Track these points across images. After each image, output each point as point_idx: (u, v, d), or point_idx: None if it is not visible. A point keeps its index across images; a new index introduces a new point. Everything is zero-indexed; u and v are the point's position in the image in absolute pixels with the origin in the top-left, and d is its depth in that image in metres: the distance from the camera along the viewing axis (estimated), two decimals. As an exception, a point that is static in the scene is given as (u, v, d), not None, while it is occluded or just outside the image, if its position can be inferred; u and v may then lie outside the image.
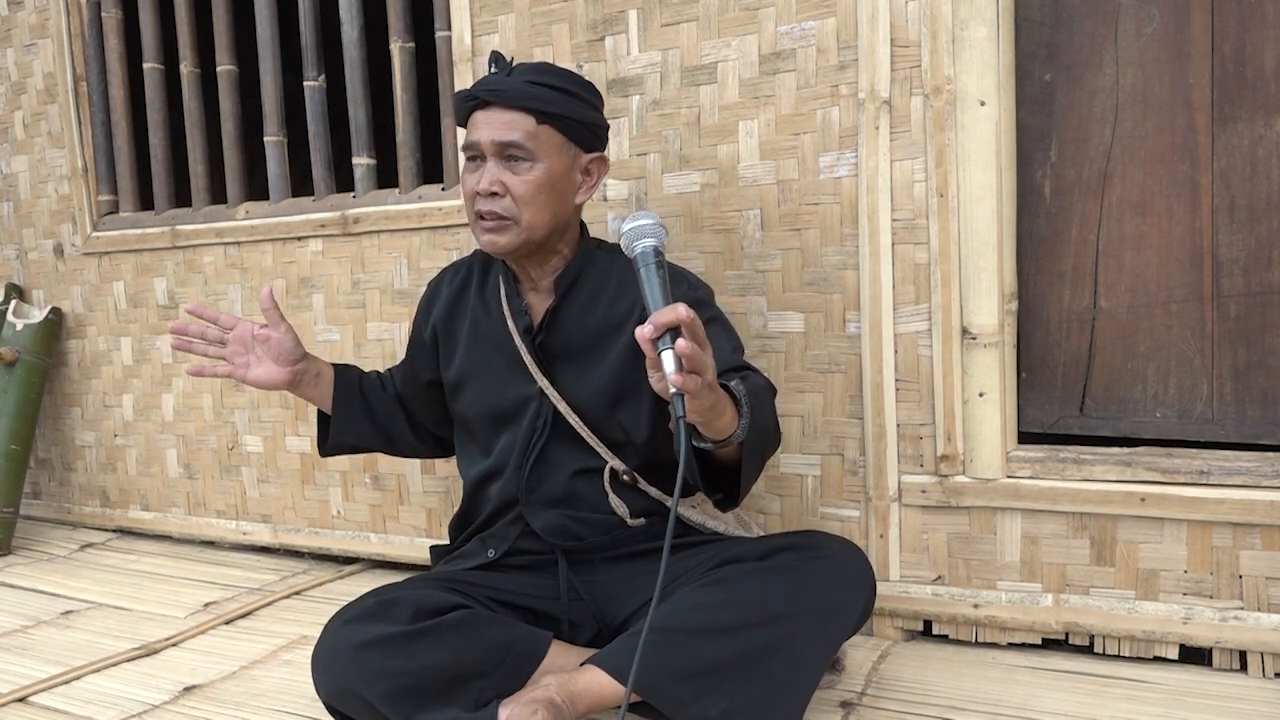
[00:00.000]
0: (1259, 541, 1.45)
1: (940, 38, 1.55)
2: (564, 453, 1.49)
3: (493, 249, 1.44)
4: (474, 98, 1.41)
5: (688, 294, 1.46)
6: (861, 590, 1.35)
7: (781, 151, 1.70)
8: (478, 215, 1.43)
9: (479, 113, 1.41)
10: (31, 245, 2.73)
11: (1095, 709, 1.36)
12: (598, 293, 1.50)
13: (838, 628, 1.31)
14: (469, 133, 1.42)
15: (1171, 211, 1.53)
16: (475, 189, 1.41)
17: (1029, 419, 1.64)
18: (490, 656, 1.30)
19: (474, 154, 1.42)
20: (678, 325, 1.06)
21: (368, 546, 2.23)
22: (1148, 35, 1.52)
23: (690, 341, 1.05)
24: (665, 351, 1.06)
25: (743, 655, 1.23)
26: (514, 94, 1.39)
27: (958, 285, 1.58)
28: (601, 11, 1.84)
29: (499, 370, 1.53)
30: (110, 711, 1.51)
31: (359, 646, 1.27)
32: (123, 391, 2.60)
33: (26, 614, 2.02)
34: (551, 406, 1.48)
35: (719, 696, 1.22)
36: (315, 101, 2.24)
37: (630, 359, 1.44)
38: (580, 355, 1.49)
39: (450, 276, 1.64)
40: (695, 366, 1.06)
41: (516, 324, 1.51)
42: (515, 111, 1.39)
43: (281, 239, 2.28)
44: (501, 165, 1.40)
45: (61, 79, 2.56)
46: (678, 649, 1.23)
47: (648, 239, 1.18)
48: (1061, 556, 1.57)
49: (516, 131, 1.39)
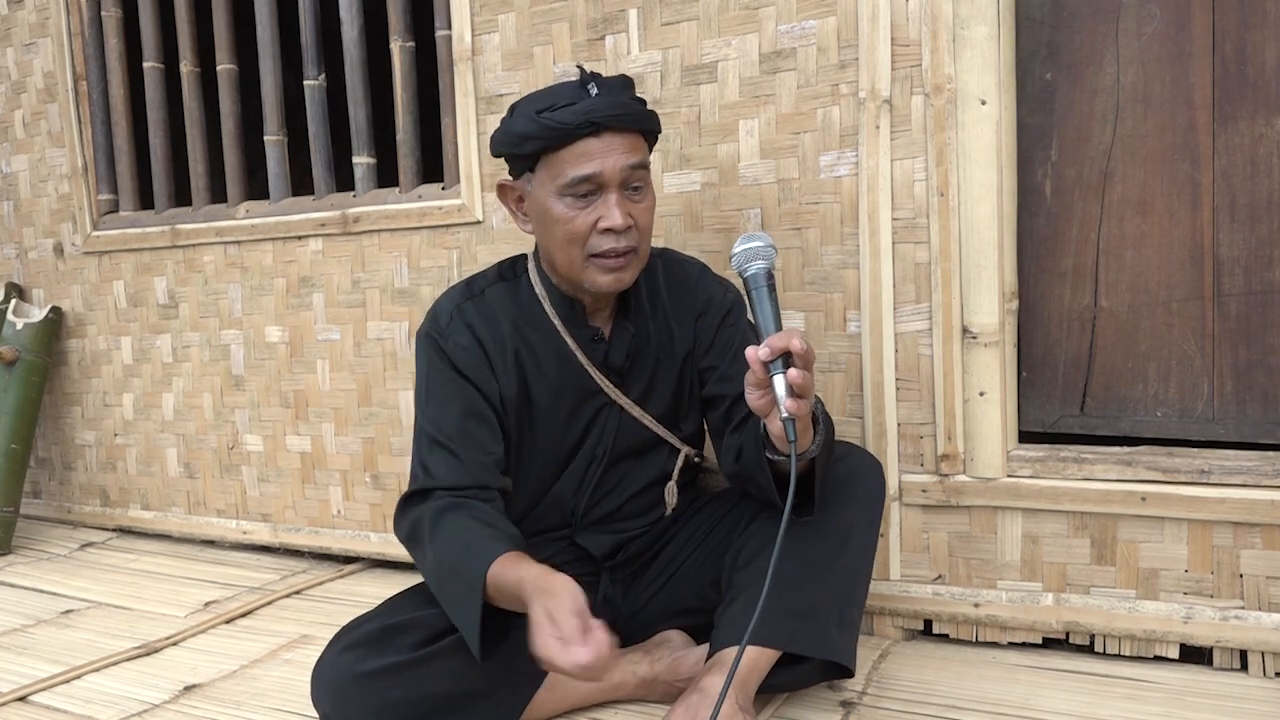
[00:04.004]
0: (1260, 541, 1.45)
1: (941, 37, 1.55)
2: (623, 472, 1.50)
3: (616, 288, 1.35)
4: (593, 124, 1.26)
5: (721, 299, 1.51)
6: (878, 473, 1.42)
7: (782, 151, 1.70)
8: (599, 254, 1.31)
9: (590, 141, 1.27)
10: (31, 244, 2.73)
11: (1096, 708, 1.36)
12: (654, 305, 1.49)
13: (875, 512, 1.40)
14: (579, 163, 1.27)
15: (1172, 210, 1.52)
16: (608, 225, 1.28)
17: (1029, 418, 1.64)
18: (493, 677, 1.28)
19: (591, 188, 1.28)
20: (789, 352, 1.11)
21: (368, 546, 2.23)
22: (1148, 34, 1.52)
23: (803, 371, 1.11)
24: (777, 376, 1.12)
25: (827, 571, 1.32)
26: (632, 116, 1.30)
27: (958, 284, 1.58)
28: (602, 10, 1.84)
29: (563, 404, 1.44)
30: (110, 711, 1.51)
31: (360, 677, 1.24)
32: (123, 391, 2.60)
33: (27, 613, 2.02)
34: (615, 424, 1.47)
35: (830, 610, 1.32)
36: (315, 101, 2.24)
37: (688, 373, 1.50)
38: (652, 371, 1.49)
39: (477, 325, 1.42)
40: (805, 393, 1.12)
41: (587, 351, 1.43)
42: (633, 135, 1.31)
43: (281, 238, 2.28)
44: (623, 195, 1.30)
45: (61, 78, 2.56)
46: (787, 594, 1.29)
47: (760, 261, 1.21)
48: (1062, 556, 1.57)
49: (638, 155, 1.31)
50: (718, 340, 1.48)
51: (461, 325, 1.40)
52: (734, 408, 1.42)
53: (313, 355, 2.27)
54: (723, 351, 1.48)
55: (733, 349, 1.46)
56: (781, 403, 1.11)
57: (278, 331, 2.31)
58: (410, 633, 1.28)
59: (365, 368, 2.19)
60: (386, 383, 2.17)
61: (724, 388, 1.45)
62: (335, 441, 2.26)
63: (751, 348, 1.14)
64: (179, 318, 2.47)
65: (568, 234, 1.30)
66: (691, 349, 1.50)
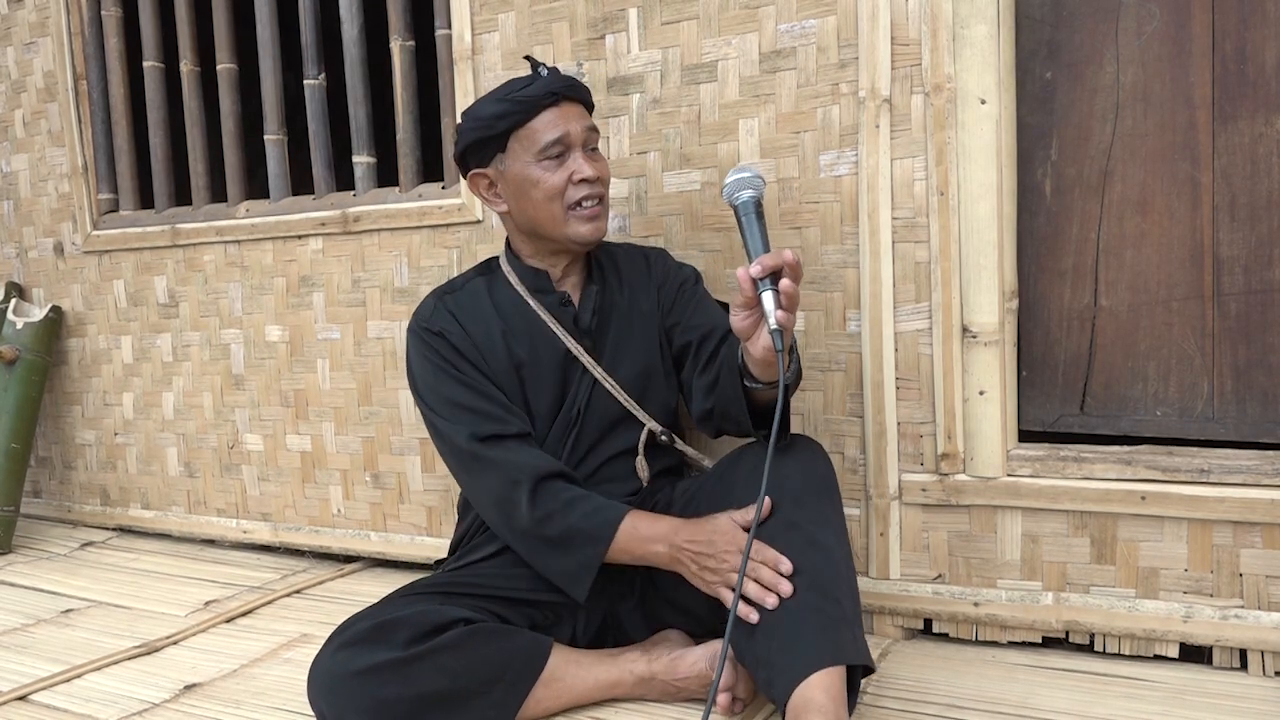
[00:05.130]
0: (1259, 540, 1.45)
1: (941, 36, 1.55)
2: (595, 438, 1.54)
3: (596, 235, 1.49)
4: (552, 94, 1.45)
5: (677, 271, 1.63)
6: (828, 459, 1.43)
7: (782, 150, 1.70)
8: (577, 204, 1.46)
9: (551, 111, 1.45)
10: (32, 244, 2.73)
11: (1095, 707, 1.36)
12: (617, 276, 1.61)
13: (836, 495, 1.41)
14: (549, 129, 1.45)
15: (1172, 210, 1.52)
16: (582, 175, 1.45)
17: (1029, 417, 1.64)
18: (489, 675, 1.30)
19: (561, 149, 1.46)
20: (780, 268, 1.19)
21: (368, 545, 2.23)
22: (1148, 33, 1.52)
23: (793, 282, 1.18)
24: (766, 292, 1.19)
25: (812, 549, 1.28)
26: (579, 88, 1.50)
27: (958, 283, 1.58)
28: (601, 10, 1.84)
29: (543, 374, 1.54)
30: (111, 710, 1.51)
31: (354, 674, 1.26)
32: (123, 390, 2.60)
33: (27, 612, 2.02)
34: (588, 391, 1.53)
35: (825, 585, 1.27)
36: (315, 100, 2.24)
37: (657, 337, 1.59)
38: (618, 334, 1.57)
39: (460, 313, 1.53)
40: (794, 306, 1.20)
41: (558, 316, 1.53)
42: (582, 105, 1.51)
43: (282, 237, 2.28)
44: (586, 154, 1.47)
45: (61, 77, 2.56)
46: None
47: (749, 190, 1.29)
48: (1062, 555, 1.57)
49: (590, 120, 1.50)
50: (679, 300, 1.60)
51: (445, 313, 1.53)
52: (701, 346, 1.52)
53: (313, 354, 2.27)
54: (684, 308, 1.59)
55: (693, 303, 1.59)
56: (771, 315, 1.18)
57: (278, 331, 2.31)
58: (401, 630, 1.29)
59: (365, 367, 2.20)
60: (387, 382, 2.17)
61: (690, 334, 1.56)
62: (335, 441, 2.26)
63: (742, 268, 1.21)
64: (179, 317, 2.47)
65: (548, 191, 1.46)
66: (657, 315, 1.60)
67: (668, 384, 1.60)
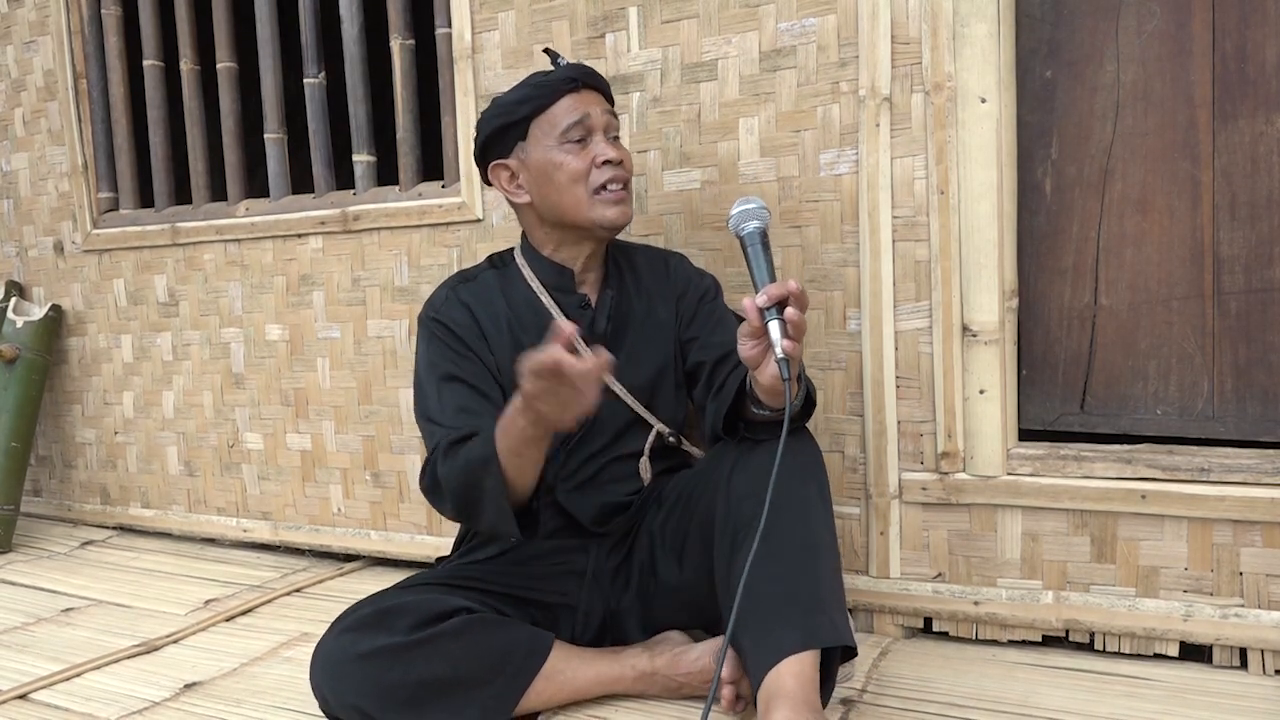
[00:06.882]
0: (1259, 539, 1.45)
1: (941, 34, 1.55)
2: (602, 441, 1.53)
3: (622, 220, 1.47)
4: (572, 80, 1.46)
5: (699, 281, 1.61)
6: (815, 445, 1.42)
7: (782, 149, 1.70)
8: (602, 187, 1.45)
9: (572, 96, 1.45)
10: (32, 243, 2.73)
11: (1095, 706, 1.36)
12: (636, 280, 1.59)
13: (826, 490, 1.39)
14: (569, 112, 1.44)
15: (1172, 208, 1.52)
16: (606, 158, 1.44)
17: (1029, 416, 1.64)
18: (491, 664, 1.30)
19: (583, 132, 1.45)
20: (787, 298, 1.18)
21: (368, 544, 2.23)
22: (1149, 32, 1.51)
23: (799, 311, 1.18)
24: (772, 321, 1.19)
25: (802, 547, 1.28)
26: (600, 78, 1.50)
27: (958, 282, 1.58)
28: (602, 8, 1.84)
29: None
30: (111, 708, 1.51)
31: (356, 658, 1.27)
32: (123, 389, 2.60)
33: (27, 611, 2.02)
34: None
35: (831, 594, 1.28)
36: (315, 99, 2.24)
37: (672, 348, 1.57)
38: (634, 343, 1.55)
39: (472, 303, 1.52)
40: (800, 335, 1.19)
41: (575, 319, 1.50)
42: (602, 94, 1.50)
43: (282, 236, 2.28)
44: (607, 141, 1.47)
45: (61, 76, 2.55)
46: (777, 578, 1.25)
47: (754, 221, 1.30)
48: (1062, 554, 1.57)
49: (610, 107, 1.50)
50: (699, 314, 1.58)
51: (457, 303, 1.51)
52: (715, 371, 1.49)
53: (313, 353, 2.27)
54: (704, 323, 1.57)
55: (713, 320, 1.57)
56: (777, 344, 1.18)
57: (278, 330, 2.31)
58: (404, 616, 1.30)
59: (365, 366, 2.20)
60: (387, 381, 2.17)
61: (705, 354, 1.53)
62: (335, 440, 2.26)
63: (748, 298, 1.20)
64: (179, 316, 2.47)
65: (572, 174, 1.44)
66: (674, 326, 1.58)
67: (677, 393, 1.59)
